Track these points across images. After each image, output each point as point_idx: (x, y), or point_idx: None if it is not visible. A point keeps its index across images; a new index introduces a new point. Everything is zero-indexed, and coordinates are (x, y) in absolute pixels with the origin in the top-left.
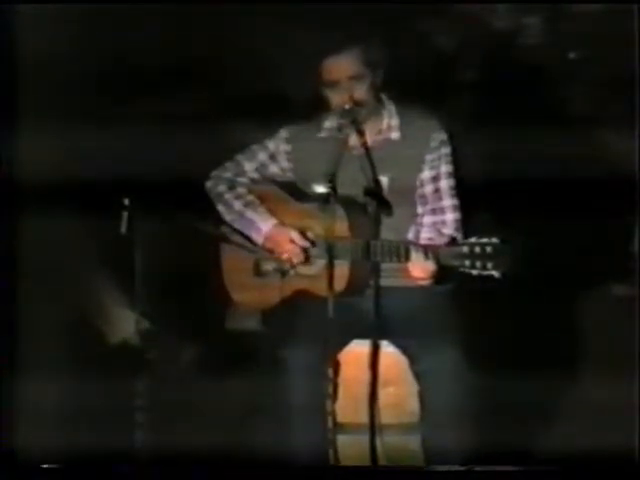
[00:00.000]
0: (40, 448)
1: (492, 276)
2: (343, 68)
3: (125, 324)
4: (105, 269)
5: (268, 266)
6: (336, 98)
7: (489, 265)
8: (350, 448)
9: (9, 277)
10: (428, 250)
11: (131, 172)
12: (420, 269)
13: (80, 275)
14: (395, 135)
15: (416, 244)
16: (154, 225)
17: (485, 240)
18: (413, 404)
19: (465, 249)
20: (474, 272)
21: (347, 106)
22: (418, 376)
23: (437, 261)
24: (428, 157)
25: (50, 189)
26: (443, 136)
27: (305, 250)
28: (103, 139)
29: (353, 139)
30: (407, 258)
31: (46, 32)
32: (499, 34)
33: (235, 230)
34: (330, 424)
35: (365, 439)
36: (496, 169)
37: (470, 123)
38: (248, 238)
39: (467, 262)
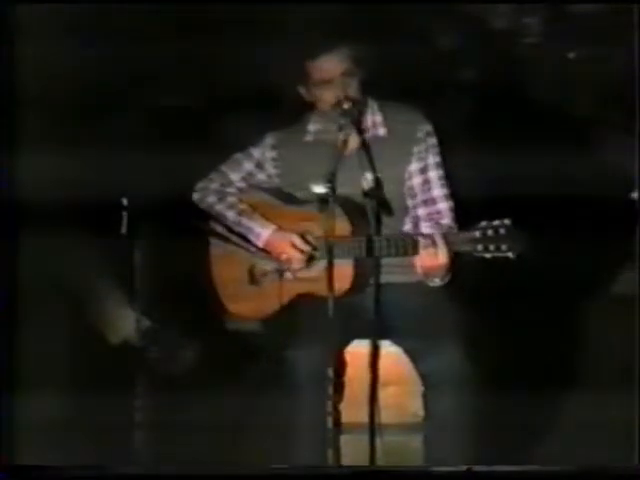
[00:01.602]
0: (39, 448)
1: (507, 258)
2: (336, 66)
3: (125, 324)
4: (105, 270)
5: (267, 266)
6: (329, 97)
7: (504, 247)
8: (350, 448)
9: (9, 279)
10: (439, 238)
11: (130, 188)
12: (432, 259)
13: (80, 276)
14: (382, 131)
15: (424, 234)
16: (154, 225)
17: (497, 222)
18: (414, 404)
19: (477, 233)
20: (487, 255)
21: (346, 106)
22: (422, 375)
23: (449, 249)
24: (415, 149)
25: (50, 206)
26: (428, 127)
27: (306, 253)
28: (102, 157)
29: (344, 139)
30: (415, 250)
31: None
32: (499, 34)
33: (229, 237)
34: (330, 424)
35: (365, 439)
36: (494, 169)
37: (467, 124)
38: (245, 245)
39: (480, 246)
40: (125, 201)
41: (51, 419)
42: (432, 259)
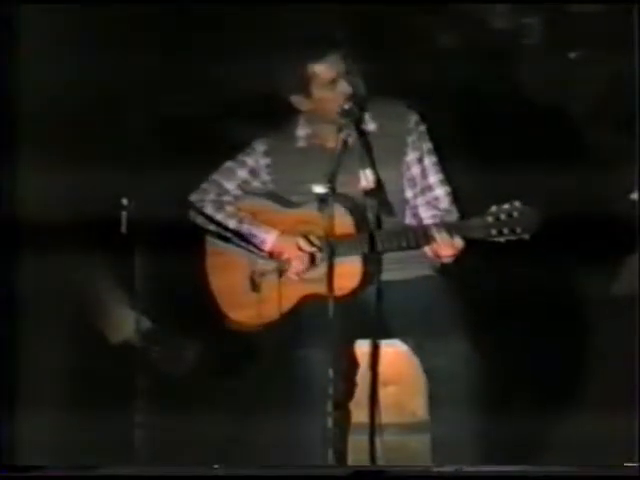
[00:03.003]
0: (39, 447)
1: (523, 240)
2: (339, 64)
3: (126, 324)
4: (105, 269)
5: (267, 266)
6: (333, 97)
7: (518, 229)
8: (351, 448)
9: (10, 279)
10: (451, 227)
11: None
12: (449, 247)
13: (81, 275)
14: (372, 126)
15: (436, 224)
16: (154, 224)
17: (508, 206)
18: (415, 403)
19: (490, 219)
20: (501, 239)
21: (347, 105)
22: (426, 372)
23: (461, 237)
24: (409, 139)
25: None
26: (416, 116)
27: (312, 255)
28: (104, 173)
29: (345, 138)
30: (427, 241)
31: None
32: (499, 34)
33: (231, 241)
34: (330, 424)
35: (365, 439)
36: (493, 169)
37: (466, 124)
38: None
39: (494, 231)
40: (125, 201)
41: (51, 419)
42: (450, 247)
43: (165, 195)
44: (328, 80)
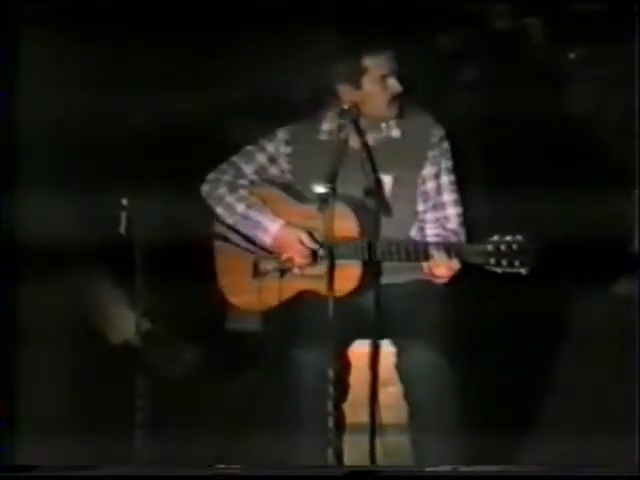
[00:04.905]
0: (39, 448)
1: (519, 274)
2: (391, 62)
3: (126, 324)
4: (105, 269)
5: (268, 265)
6: (382, 92)
7: (516, 263)
8: (350, 448)
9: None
10: (451, 248)
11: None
12: (445, 268)
13: (81, 274)
14: (395, 133)
15: (437, 243)
16: (153, 225)
17: (510, 238)
18: None
19: (490, 247)
20: (498, 270)
21: (346, 106)
22: (403, 374)
23: (459, 259)
24: (430, 153)
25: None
26: (442, 132)
27: (313, 251)
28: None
29: (355, 139)
30: (426, 257)
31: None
32: (499, 34)
33: (235, 231)
34: (330, 424)
35: (365, 439)
36: (494, 168)
37: (466, 124)
38: (249, 241)
39: (492, 260)
40: (125, 201)
41: (51, 419)
42: (445, 268)
43: (165, 195)
44: (380, 75)
